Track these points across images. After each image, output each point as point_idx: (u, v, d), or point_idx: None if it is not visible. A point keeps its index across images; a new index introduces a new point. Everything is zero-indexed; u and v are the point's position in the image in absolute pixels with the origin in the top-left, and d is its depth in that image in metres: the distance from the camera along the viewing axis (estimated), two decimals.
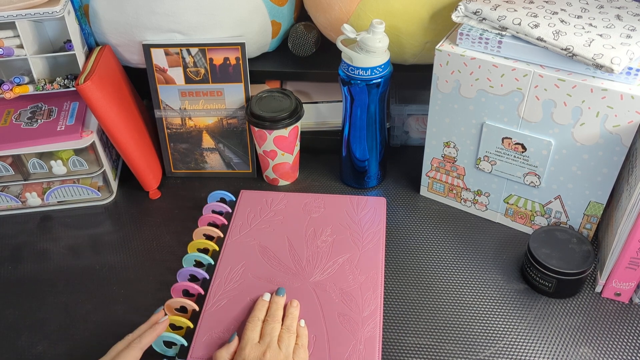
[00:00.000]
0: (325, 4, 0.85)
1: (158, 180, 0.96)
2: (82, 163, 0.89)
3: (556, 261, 0.72)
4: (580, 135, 0.71)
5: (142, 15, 0.84)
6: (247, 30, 0.88)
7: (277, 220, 0.86)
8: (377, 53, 0.78)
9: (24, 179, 0.89)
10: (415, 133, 1.01)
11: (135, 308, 0.76)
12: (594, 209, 0.77)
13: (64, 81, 0.85)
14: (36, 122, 0.88)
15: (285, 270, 0.78)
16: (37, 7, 0.78)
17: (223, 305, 0.73)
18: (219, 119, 0.93)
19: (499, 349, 0.69)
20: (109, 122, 0.85)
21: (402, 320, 0.73)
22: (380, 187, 0.94)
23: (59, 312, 0.76)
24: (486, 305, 0.74)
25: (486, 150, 0.79)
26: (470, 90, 0.75)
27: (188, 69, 0.89)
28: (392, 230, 0.85)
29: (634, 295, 0.73)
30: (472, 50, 0.73)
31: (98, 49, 0.88)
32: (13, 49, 0.80)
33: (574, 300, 0.74)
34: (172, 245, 0.85)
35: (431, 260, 0.81)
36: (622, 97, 0.65)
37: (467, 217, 0.88)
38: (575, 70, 0.67)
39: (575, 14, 0.71)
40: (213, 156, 0.97)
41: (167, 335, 0.68)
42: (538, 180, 0.78)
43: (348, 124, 0.87)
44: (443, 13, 0.79)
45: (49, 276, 0.81)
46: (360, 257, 0.79)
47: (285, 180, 0.95)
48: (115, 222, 0.90)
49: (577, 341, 0.70)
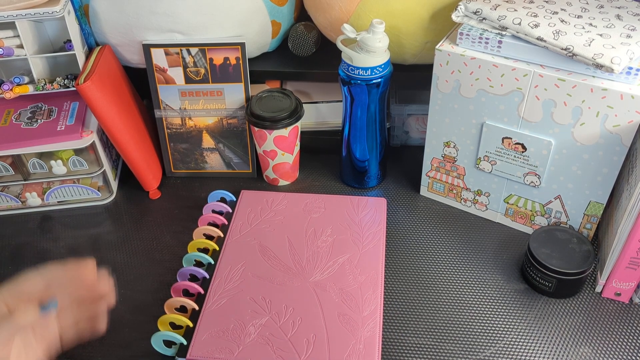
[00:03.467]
0: (325, 3, 0.85)
1: (158, 180, 0.96)
2: (82, 163, 0.89)
3: (556, 261, 0.72)
4: (580, 135, 0.71)
5: (142, 15, 0.84)
6: (247, 30, 0.88)
7: (277, 220, 0.86)
8: (377, 53, 0.78)
9: (24, 179, 0.89)
10: (415, 133, 1.01)
11: (135, 308, 0.76)
12: (594, 209, 0.77)
13: (64, 81, 0.85)
14: (36, 122, 0.88)
15: (285, 270, 0.78)
16: (37, 7, 0.78)
17: (223, 304, 0.73)
18: (219, 118, 0.93)
19: (499, 349, 0.69)
20: (109, 122, 0.85)
21: (402, 320, 0.73)
22: (380, 187, 0.94)
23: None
24: (486, 305, 0.74)
25: (486, 150, 0.79)
26: (470, 90, 0.75)
27: (188, 69, 0.89)
28: (392, 230, 0.85)
29: (634, 295, 0.73)
30: (472, 50, 0.73)
31: (98, 49, 0.88)
32: (13, 49, 0.80)
33: (574, 300, 0.74)
34: (172, 245, 0.85)
35: (431, 260, 0.81)
36: (622, 97, 0.65)
37: (467, 217, 0.88)
38: (576, 70, 0.67)
39: (575, 14, 0.71)
40: (213, 156, 0.97)
41: (167, 334, 0.68)
42: (538, 180, 0.78)
43: (348, 124, 0.87)
44: (443, 13, 0.79)
45: None
46: (361, 257, 0.79)
47: (285, 180, 0.96)
48: (115, 222, 0.90)
49: (577, 341, 0.70)
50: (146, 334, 0.69)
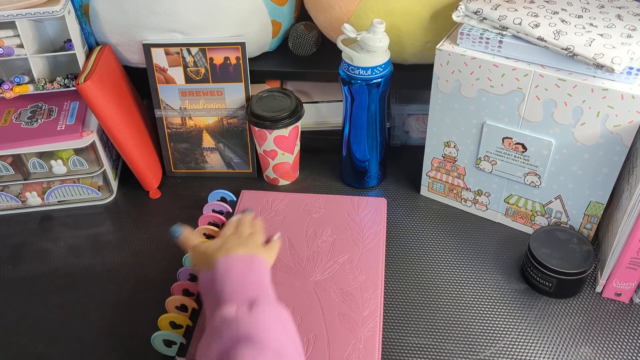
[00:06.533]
0: (325, 3, 0.85)
1: (158, 180, 0.96)
2: (82, 163, 0.89)
3: (556, 261, 0.72)
4: (580, 135, 0.71)
5: (143, 14, 0.84)
6: (248, 30, 0.88)
7: (277, 220, 0.86)
8: (378, 53, 0.78)
9: (24, 179, 0.89)
10: (416, 133, 1.01)
11: (136, 307, 0.76)
12: (595, 209, 0.77)
13: (64, 81, 0.85)
14: (36, 122, 0.88)
15: (285, 270, 0.78)
16: (37, 7, 0.78)
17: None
18: (219, 118, 0.93)
19: (500, 349, 0.69)
20: (109, 122, 0.85)
21: (402, 320, 0.73)
22: (380, 186, 0.94)
23: (59, 312, 0.76)
24: (486, 305, 0.74)
25: (486, 150, 0.79)
26: (471, 90, 0.75)
27: (188, 69, 0.89)
28: (392, 229, 0.85)
29: (635, 295, 0.73)
30: (472, 50, 0.73)
31: (98, 48, 0.88)
32: (13, 49, 0.80)
33: (574, 300, 0.74)
34: (172, 245, 0.85)
35: (431, 260, 0.81)
36: (622, 97, 0.65)
37: (468, 217, 0.88)
38: (576, 70, 0.67)
39: (575, 14, 0.71)
40: (213, 156, 0.97)
41: (167, 334, 0.68)
42: (538, 180, 0.78)
43: (348, 124, 0.87)
44: (443, 13, 0.79)
45: (49, 276, 0.81)
46: (361, 257, 0.79)
47: (285, 180, 0.95)
48: (115, 222, 0.90)
49: (577, 341, 0.70)
50: (146, 334, 0.69)
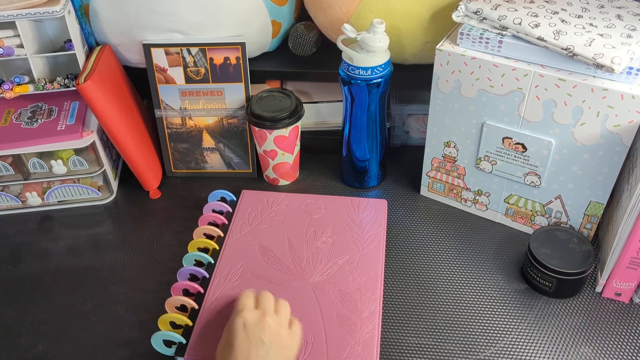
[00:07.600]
0: (325, 3, 0.85)
1: (158, 180, 0.96)
2: (82, 163, 0.89)
3: (556, 261, 0.72)
4: (580, 135, 0.70)
5: (142, 14, 0.84)
6: (248, 30, 0.88)
7: (277, 220, 0.86)
8: (378, 53, 0.78)
9: (24, 179, 0.89)
10: (416, 133, 1.01)
11: (135, 308, 0.76)
12: (595, 209, 0.77)
13: (64, 81, 0.85)
14: (36, 122, 0.88)
15: (284, 271, 0.77)
16: (37, 7, 0.78)
17: (222, 303, 0.73)
18: (219, 118, 0.93)
19: (499, 349, 0.69)
20: (109, 122, 0.85)
21: (402, 320, 0.73)
22: (380, 186, 0.94)
23: (59, 312, 0.76)
24: (486, 305, 0.74)
25: (486, 150, 0.79)
26: (471, 90, 0.75)
27: (188, 69, 0.89)
28: (392, 229, 0.85)
29: (635, 295, 0.73)
30: (472, 50, 0.73)
31: (98, 48, 0.88)
32: (13, 49, 0.80)
33: (574, 300, 0.74)
34: (172, 245, 0.85)
35: (431, 260, 0.81)
36: (622, 97, 0.65)
37: (468, 217, 0.88)
38: (576, 70, 0.67)
39: (575, 14, 0.71)
40: (213, 156, 0.97)
41: (166, 334, 0.68)
42: (538, 180, 0.78)
43: (348, 124, 0.87)
44: (443, 13, 0.79)
45: (49, 276, 0.81)
46: (360, 258, 0.79)
47: (285, 180, 0.95)
48: (115, 222, 0.90)
49: (577, 341, 0.70)
50: (146, 334, 0.69)
